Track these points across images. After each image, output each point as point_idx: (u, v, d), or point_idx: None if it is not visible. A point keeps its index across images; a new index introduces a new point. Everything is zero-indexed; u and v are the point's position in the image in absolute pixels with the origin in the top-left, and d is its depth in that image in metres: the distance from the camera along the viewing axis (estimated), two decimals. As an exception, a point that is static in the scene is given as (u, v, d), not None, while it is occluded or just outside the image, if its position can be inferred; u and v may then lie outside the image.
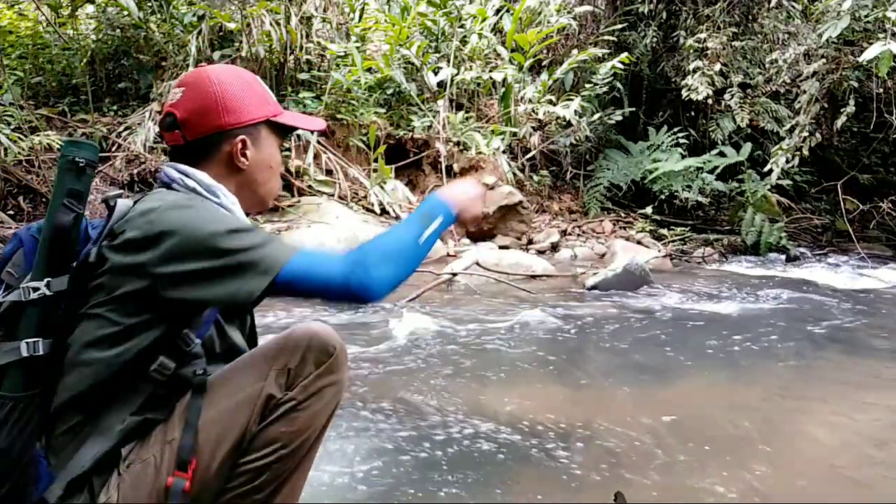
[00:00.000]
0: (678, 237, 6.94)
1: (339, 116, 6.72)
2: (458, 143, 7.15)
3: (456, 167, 7.13)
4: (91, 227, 1.21)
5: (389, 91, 7.55)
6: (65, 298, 1.14)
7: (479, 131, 7.27)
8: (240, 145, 1.27)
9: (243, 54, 6.50)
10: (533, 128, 7.67)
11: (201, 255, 1.10)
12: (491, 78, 7.47)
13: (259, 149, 1.31)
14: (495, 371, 2.91)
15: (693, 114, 8.57)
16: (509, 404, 2.52)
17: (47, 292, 1.12)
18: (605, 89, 7.62)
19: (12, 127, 5.13)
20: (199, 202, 1.19)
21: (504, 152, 7.27)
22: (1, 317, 1.12)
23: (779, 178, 6.54)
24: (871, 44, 5.15)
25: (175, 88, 1.29)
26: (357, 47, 7.05)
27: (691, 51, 7.13)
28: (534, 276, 5.08)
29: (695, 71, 6.87)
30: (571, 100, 7.25)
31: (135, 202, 1.20)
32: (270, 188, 1.37)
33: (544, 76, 7.74)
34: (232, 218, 1.20)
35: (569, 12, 7.96)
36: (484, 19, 7.68)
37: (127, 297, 1.12)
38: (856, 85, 6.24)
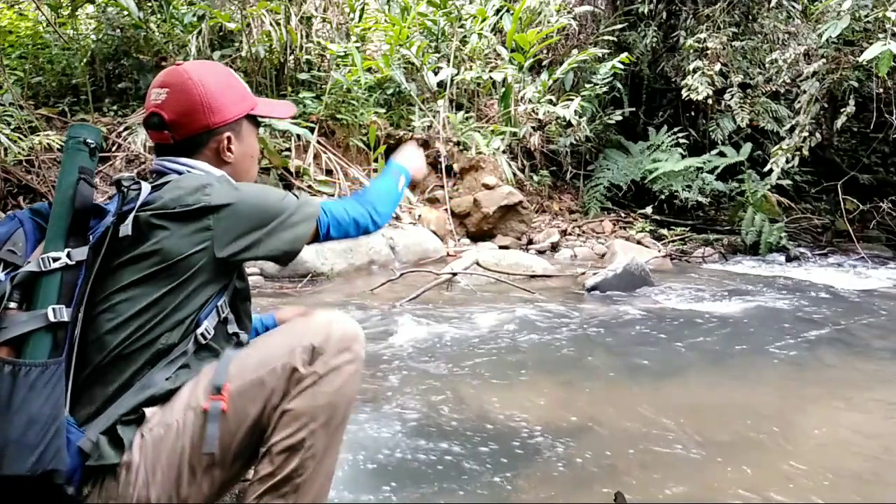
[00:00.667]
0: (678, 237, 6.94)
1: (339, 116, 6.72)
2: (458, 143, 7.15)
3: (456, 167, 7.13)
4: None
5: (389, 91, 7.55)
6: (83, 268, 1.19)
7: (479, 131, 7.27)
8: (226, 141, 1.40)
9: (243, 54, 6.50)
10: (533, 128, 7.67)
11: (261, 215, 1.29)
12: (491, 78, 7.47)
13: (242, 142, 1.43)
14: (494, 371, 2.91)
15: (693, 114, 8.57)
16: (508, 404, 2.52)
17: (69, 262, 1.17)
18: (605, 89, 7.62)
19: (12, 127, 5.13)
20: (232, 181, 1.35)
21: (504, 152, 7.27)
22: (17, 287, 1.15)
23: (779, 178, 6.53)
24: (871, 44, 5.15)
25: (157, 88, 1.36)
26: (357, 47, 7.05)
27: (691, 51, 7.13)
28: (534, 276, 5.08)
29: (695, 71, 6.86)
30: (571, 100, 7.25)
31: (154, 185, 1.29)
32: (252, 176, 1.50)
33: (544, 76, 7.74)
34: (273, 189, 1.37)
35: (569, 12, 7.97)
36: (484, 19, 7.68)
37: (182, 263, 1.22)
38: (856, 85, 6.23)
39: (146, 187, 1.25)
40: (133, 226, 1.20)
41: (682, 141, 7.63)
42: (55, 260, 1.16)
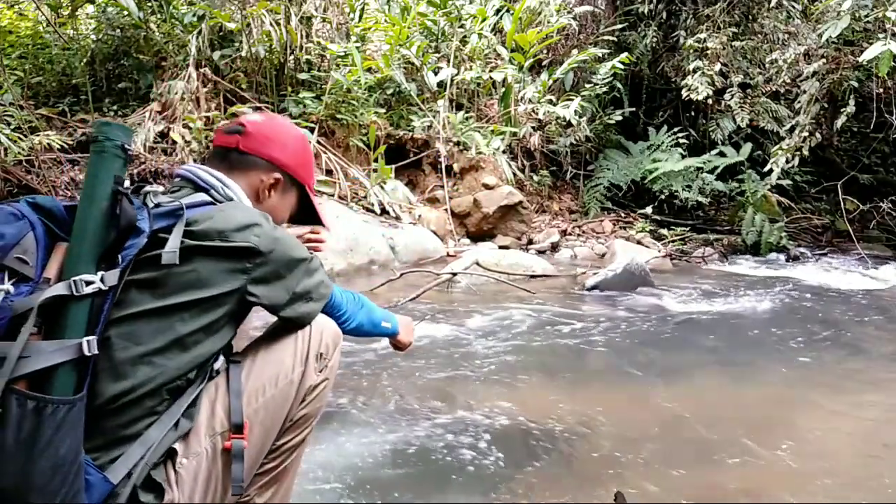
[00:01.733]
0: (678, 237, 6.94)
1: (339, 116, 6.72)
2: (458, 143, 7.15)
3: (456, 167, 7.13)
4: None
5: (389, 91, 7.55)
6: (111, 294, 1.08)
7: (479, 131, 7.27)
8: (272, 182, 1.37)
9: (243, 54, 6.51)
10: (533, 128, 7.67)
11: (289, 276, 1.26)
12: (491, 78, 7.46)
13: (282, 198, 1.42)
14: (494, 371, 2.91)
15: (693, 114, 8.58)
16: (508, 404, 2.52)
17: (102, 287, 1.05)
18: (605, 89, 7.62)
19: (12, 127, 5.12)
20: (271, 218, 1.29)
21: (504, 152, 7.27)
22: (38, 311, 1.01)
23: (779, 178, 6.54)
24: (871, 44, 5.15)
25: (258, 115, 1.41)
26: (357, 47, 7.04)
27: (691, 51, 7.13)
28: (534, 276, 5.08)
29: (695, 71, 6.87)
30: (571, 100, 7.25)
31: (189, 206, 1.19)
32: None
33: (544, 76, 7.74)
34: (302, 246, 1.33)
35: (569, 12, 7.97)
36: (484, 19, 7.68)
37: (212, 300, 1.16)
38: (856, 85, 6.23)
39: (185, 208, 1.16)
40: (174, 252, 1.11)
41: (682, 141, 7.63)
42: (88, 284, 1.03)
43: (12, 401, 0.96)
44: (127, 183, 1.17)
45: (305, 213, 1.51)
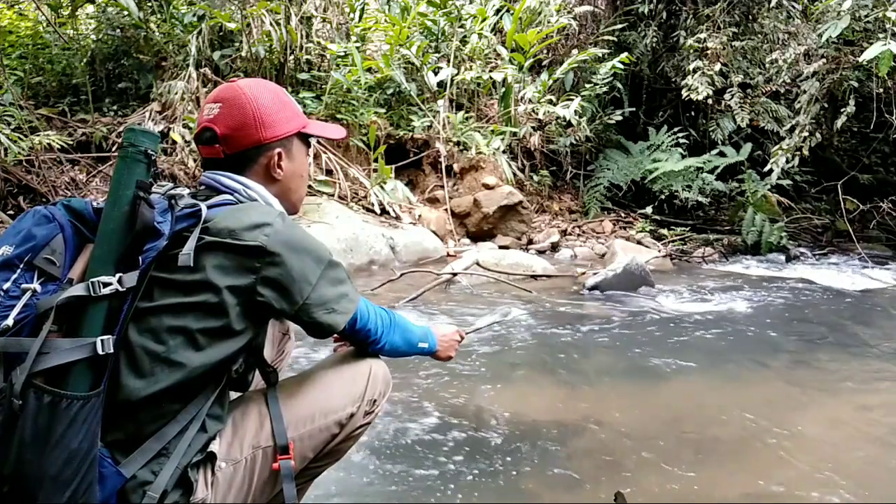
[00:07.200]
0: (678, 237, 6.94)
1: (339, 116, 6.72)
2: (458, 143, 7.15)
3: (456, 167, 7.13)
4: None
5: (389, 91, 7.55)
6: (130, 294, 1.10)
7: (479, 131, 7.27)
8: (276, 157, 1.35)
9: (243, 54, 6.50)
10: (533, 128, 7.67)
11: (302, 280, 1.21)
12: (491, 78, 7.47)
13: (292, 159, 1.39)
14: (494, 371, 2.91)
15: (693, 114, 8.58)
16: (509, 404, 2.52)
17: (119, 288, 1.08)
18: (605, 89, 7.62)
19: (12, 127, 5.12)
20: (290, 220, 1.27)
21: (504, 152, 7.27)
22: (59, 309, 1.05)
23: (779, 178, 6.54)
24: (871, 44, 5.15)
25: (210, 103, 1.32)
26: (357, 47, 7.04)
27: (691, 51, 7.13)
28: (534, 276, 5.08)
29: (695, 71, 6.87)
30: (571, 100, 7.25)
31: (210, 206, 1.20)
32: (300, 195, 1.46)
33: (544, 76, 7.74)
34: (325, 248, 1.30)
35: (569, 12, 7.97)
36: (484, 19, 7.68)
37: (225, 299, 1.14)
38: (856, 85, 6.23)
39: (204, 210, 1.16)
40: (192, 256, 1.12)
41: (682, 141, 7.63)
42: (106, 285, 1.07)
43: (30, 394, 1.00)
44: (166, 187, 1.21)
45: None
